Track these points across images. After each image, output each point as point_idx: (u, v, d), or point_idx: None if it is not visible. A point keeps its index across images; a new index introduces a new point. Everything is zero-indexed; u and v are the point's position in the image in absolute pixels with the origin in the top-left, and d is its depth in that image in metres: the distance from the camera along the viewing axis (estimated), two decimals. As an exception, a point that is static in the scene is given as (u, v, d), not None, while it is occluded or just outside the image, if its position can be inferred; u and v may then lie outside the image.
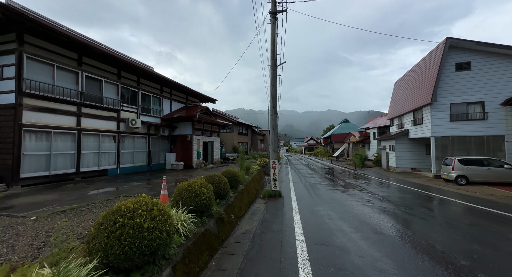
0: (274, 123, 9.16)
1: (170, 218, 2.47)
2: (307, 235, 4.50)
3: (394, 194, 9.52)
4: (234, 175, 6.49)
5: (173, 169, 14.72)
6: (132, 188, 8.18)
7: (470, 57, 14.20)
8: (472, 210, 6.99)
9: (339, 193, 9.66)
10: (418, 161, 18.85)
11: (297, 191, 10.17)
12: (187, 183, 3.84)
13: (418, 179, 14.64)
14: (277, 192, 8.89)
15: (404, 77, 21.59)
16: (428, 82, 15.41)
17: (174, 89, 16.42)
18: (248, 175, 9.97)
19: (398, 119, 21.53)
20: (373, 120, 38.93)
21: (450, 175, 12.42)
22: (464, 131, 14.22)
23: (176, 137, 15.89)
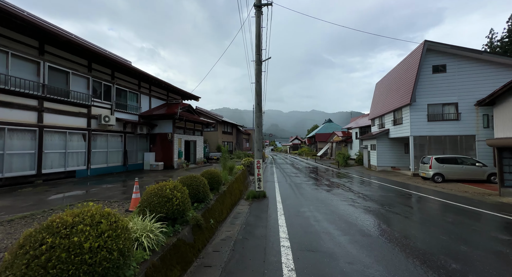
0: (259, 121, 8.80)
1: (127, 231, 1.99)
2: (293, 240, 4.18)
3: (377, 193, 9.59)
4: (215, 175, 6.02)
5: (152, 170, 13.84)
6: (103, 191, 7.40)
7: (445, 60, 14.87)
8: (452, 208, 7.13)
9: (324, 193, 9.53)
10: (398, 159, 19.54)
11: (282, 191, 9.91)
12: (157, 186, 3.33)
13: (398, 177, 15.09)
14: (262, 192, 8.54)
15: (384, 79, 22.31)
16: (407, 83, 15.94)
17: (154, 85, 15.47)
18: (232, 175, 9.53)
19: (379, 119, 22.20)
20: (355, 121, 40.11)
21: (428, 173, 12.88)
22: (440, 131, 14.88)
23: (155, 136, 14.98)
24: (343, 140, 36.43)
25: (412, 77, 15.23)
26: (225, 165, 9.11)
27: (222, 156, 9.28)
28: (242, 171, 11.40)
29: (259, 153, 8.74)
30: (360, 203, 7.58)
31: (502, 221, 5.75)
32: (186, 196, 3.55)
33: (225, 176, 7.70)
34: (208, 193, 4.92)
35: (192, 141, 17.40)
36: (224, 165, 9.14)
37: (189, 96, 19.19)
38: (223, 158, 9.26)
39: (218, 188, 6.21)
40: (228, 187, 7.10)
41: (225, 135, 28.32)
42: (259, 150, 8.75)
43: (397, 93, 17.72)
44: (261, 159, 8.67)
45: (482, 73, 14.12)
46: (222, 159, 9.34)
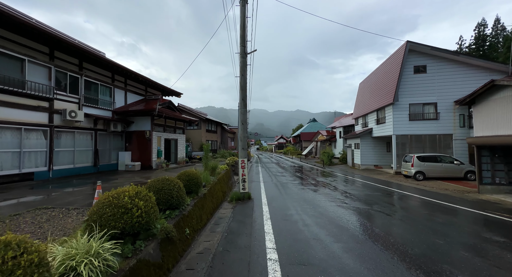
0: (243, 118, 8.21)
1: (40, 266, 1.33)
2: (281, 250, 3.67)
3: (364, 192, 9.43)
4: (193, 177, 5.36)
5: (127, 170, 12.72)
6: (64, 196, 6.41)
7: (426, 61, 15.29)
8: (439, 207, 7.07)
9: (311, 193, 9.19)
10: (380, 158, 19.96)
11: (268, 192, 9.43)
12: (113, 194, 2.63)
13: (381, 176, 15.30)
14: (247, 194, 7.99)
15: (367, 79, 22.72)
16: (390, 83, 16.21)
17: (130, 79, 14.25)
18: (215, 175, 8.88)
19: (362, 118, 22.57)
20: (338, 120, 40.90)
21: (410, 171, 13.11)
22: (420, 130, 15.30)
23: (132, 134, 13.81)
24: (328, 139, 36.95)
25: (395, 77, 15.48)
26: (207, 165, 8.43)
27: (204, 155, 8.59)
28: (226, 171, 10.77)
29: (243, 151, 8.17)
30: (349, 203, 7.30)
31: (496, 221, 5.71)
32: (152, 204, 2.89)
33: (206, 177, 7.04)
34: (183, 198, 4.26)
35: (173, 139, 16.38)
36: (206, 165, 8.46)
37: (170, 92, 18.07)
38: (205, 157, 8.57)
39: (198, 190, 5.55)
40: (209, 189, 6.45)
41: (209, 134, 27.36)
42: (243, 148, 8.18)
43: (380, 93, 18.02)
44: (246, 158, 8.10)
45: (459, 74, 14.68)
46: (204, 158, 8.64)
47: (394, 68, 15.90)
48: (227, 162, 17.43)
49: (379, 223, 5.25)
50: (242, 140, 8.16)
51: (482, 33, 38.42)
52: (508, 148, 8.91)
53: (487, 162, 9.28)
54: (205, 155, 8.57)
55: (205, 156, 8.58)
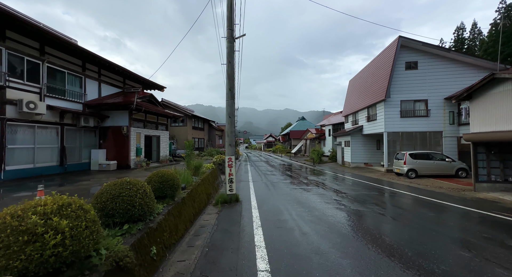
0: (231, 110, 7.30)
1: None
2: (277, 273, 2.84)
3: (360, 191, 8.86)
4: (168, 178, 4.40)
5: (101, 170, 11.39)
6: (13, 202, 5.19)
7: (417, 57, 15.09)
8: (442, 208, 6.58)
9: (304, 193, 8.48)
10: (370, 156, 19.78)
11: (257, 193, 8.60)
12: (14, 211, 1.66)
13: (373, 174, 14.98)
14: (234, 196, 7.11)
15: (358, 76, 22.49)
16: (382, 79, 15.90)
17: (105, 69, 12.81)
18: (199, 175, 7.92)
19: (352, 116, 22.33)
20: (327, 118, 40.91)
21: (402, 169, 12.81)
22: (411, 127, 15.11)
23: (107, 130, 12.43)
24: (317, 136, 36.78)
25: (387, 73, 15.17)
26: (190, 164, 7.46)
27: (186, 152, 7.60)
28: (212, 170, 9.81)
29: (231, 148, 7.27)
30: (347, 205, 6.64)
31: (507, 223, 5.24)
32: (89, 221, 1.94)
33: (186, 178, 6.08)
34: (151, 206, 3.31)
35: (154, 136, 15.10)
36: (188, 164, 7.49)
37: (151, 86, 16.69)
38: (187, 155, 7.59)
39: (174, 194, 4.60)
40: (190, 192, 5.50)
41: (196, 131, 26.08)
42: (231, 145, 7.28)
43: (371, 90, 17.73)
44: (233, 155, 7.21)
45: (450, 71, 14.60)
46: (186, 156, 7.66)
47: (386, 64, 15.59)
48: (214, 160, 16.41)
49: (387, 230, 4.58)
50: (229, 136, 7.26)
51: (461, 36, 39.77)
52: (504, 144, 8.68)
53: (483, 159, 9.02)
54: (187, 152, 7.59)
55: (187, 153, 7.60)
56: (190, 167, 7.92)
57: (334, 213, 5.72)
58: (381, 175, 14.38)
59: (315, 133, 37.59)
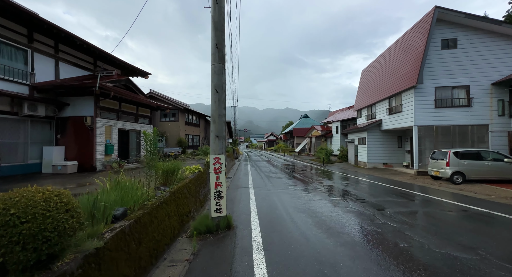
0: (218, 81, 4.54)
1: None
2: None
3: (409, 207, 6.11)
4: (36, 212, 1.64)
5: (56, 173, 8.69)
6: None
7: (457, 33, 12.26)
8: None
9: (333, 210, 5.73)
10: (390, 155, 17.01)
11: (262, 208, 5.88)
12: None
13: (400, 176, 12.21)
14: (223, 220, 4.37)
15: (374, 64, 19.65)
16: (411, 62, 13.09)
17: (66, 44, 10.04)
18: (172, 184, 5.20)
19: (368, 109, 19.53)
20: (333, 115, 38.13)
21: (444, 172, 10.03)
22: (448, 119, 12.30)
23: (66, 121, 9.71)
24: (323, 134, 34.02)
25: (418, 55, 12.36)
26: (151, 167, 4.76)
27: (147, 146, 4.90)
28: (197, 175, 7.06)
29: (218, 142, 4.51)
30: (421, 242, 3.89)
31: None
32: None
33: (134, 196, 3.34)
34: None
35: (133, 131, 12.37)
36: (149, 167, 4.78)
37: (133, 71, 13.94)
38: (148, 156, 4.89)
39: (65, 245, 1.85)
40: (131, 226, 2.77)
41: (190, 128, 23.34)
42: (219, 137, 4.52)
43: (394, 77, 14.92)
44: (223, 154, 4.46)
45: (499, 50, 11.76)
46: (147, 156, 4.95)
47: (417, 44, 12.77)
48: (207, 160, 13.76)
49: None
50: (216, 122, 4.51)
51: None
52: None
53: None
54: (149, 147, 4.86)
55: (148, 149, 4.88)
56: (157, 171, 5.18)
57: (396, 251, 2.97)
58: (412, 178, 11.60)
59: (320, 130, 34.83)
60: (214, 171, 4.35)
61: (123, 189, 3.33)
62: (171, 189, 4.72)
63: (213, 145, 4.51)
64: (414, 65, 12.54)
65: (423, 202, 6.80)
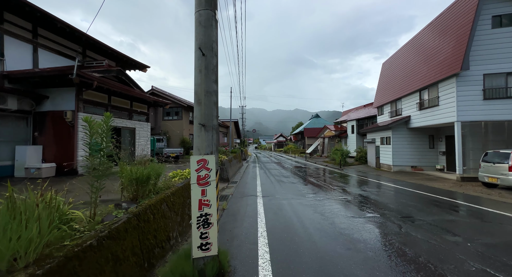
0: (206, 37, 2.84)
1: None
2: None
3: (478, 228, 4.14)
4: None
5: (31, 177, 7.32)
6: None
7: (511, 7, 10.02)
8: None
9: (371, 232, 3.87)
10: (420, 156, 14.76)
11: (274, 231, 4.12)
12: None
13: (439, 183, 10.05)
14: (213, 262, 2.64)
15: (399, 54, 17.43)
16: (451, 45, 10.93)
17: (46, 28, 8.76)
18: (146, 198, 3.58)
19: (391, 105, 17.31)
20: (347, 114, 35.76)
21: (506, 179, 7.86)
22: (502, 113, 10.03)
23: (44, 117, 8.39)
24: (337, 134, 31.78)
25: (463, 35, 10.21)
26: (101, 176, 3.14)
27: (90, 146, 3.28)
28: (187, 183, 5.38)
29: (205, 135, 2.80)
30: None
31: None
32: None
33: (25, 233, 1.68)
34: None
35: (126, 129, 10.98)
36: (97, 176, 3.16)
37: (129, 63, 12.62)
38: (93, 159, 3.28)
39: None
40: None
41: (195, 127, 21.95)
42: (206, 126, 2.80)
43: (427, 66, 12.75)
44: (212, 155, 2.75)
45: None
46: (90, 159, 3.34)
47: (460, 22, 10.61)
48: None
49: None
50: (202, 103, 2.80)
51: None
52: None
53: None
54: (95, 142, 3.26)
55: (91, 147, 3.28)
56: (124, 180, 3.57)
57: None
58: (455, 185, 9.44)
59: (334, 130, 32.58)
60: (197, 181, 2.65)
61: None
62: (136, 208, 3.07)
63: (197, 139, 2.81)
64: (456, 49, 10.39)
65: (502, 224, 4.79)
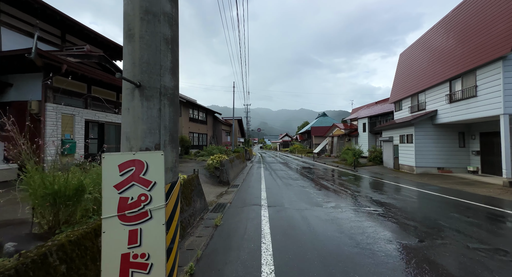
0: None
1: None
2: None
3: None
4: None
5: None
6: None
7: None
8: None
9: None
10: (447, 157, 12.92)
11: (287, 273, 2.54)
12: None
13: (479, 188, 8.28)
14: None
15: (420, 43, 15.55)
16: (496, 23, 9.11)
17: (10, 3, 7.47)
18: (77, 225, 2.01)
19: (411, 99, 15.47)
20: (357, 112, 33.83)
21: None
22: (562, 104, 8.19)
23: (8, 107, 7.03)
24: (346, 133, 29.90)
25: (509, 11, 8.41)
26: None
27: None
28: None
29: (143, 110, 1.26)
30: None
31: None
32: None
33: None
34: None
35: (111, 124, 9.62)
36: None
37: (117, 51, 11.27)
38: None
39: None
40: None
41: (195, 125, 20.55)
42: (145, 88, 1.26)
43: (460, 51, 10.93)
44: (158, 151, 1.22)
45: None
46: None
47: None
48: (209, 163, 10.90)
49: None
50: (134, 38, 1.27)
51: None
52: None
53: None
54: None
55: None
56: (34, 196, 2.08)
57: None
58: (503, 191, 7.67)
59: (343, 129, 30.70)
60: (119, 212, 1.11)
61: None
62: (36, 251, 1.55)
63: (125, 117, 1.28)
64: (503, 28, 8.58)
65: None
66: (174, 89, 1.39)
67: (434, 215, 5.16)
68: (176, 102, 1.43)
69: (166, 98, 1.33)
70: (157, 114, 1.27)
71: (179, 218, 1.41)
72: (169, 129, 1.34)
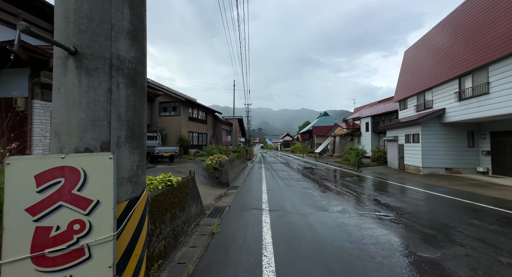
0: None
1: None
2: None
3: None
4: None
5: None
6: None
7: None
8: None
9: None
10: (456, 157, 12.43)
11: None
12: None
13: (497, 191, 7.79)
14: None
15: (426, 39, 15.05)
16: (508, 16, 8.62)
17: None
18: None
19: (417, 97, 14.98)
20: (359, 111, 33.31)
21: None
22: None
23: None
24: (349, 132, 29.42)
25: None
26: None
27: None
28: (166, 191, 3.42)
29: (81, 89, 0.81)
30: None
31: None
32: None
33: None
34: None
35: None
36: None
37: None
38: None
39: None
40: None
41: (194, 124, 20.13)
42: (85, 57, 0.81)
43: (470, 46, 10.44)
44: (107, 153, 0.79)
45: None
46: None
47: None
48: (207, 163, 10.48)
49: None
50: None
51: None
52: None
53: None
54: None
55: None
56: None
57: None
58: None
59: (346, 128, 30.22)
60: (34, 250, 0.67)
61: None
62: None
63: (56, 101, 0.83)
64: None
65: None
66: (136, 63, 0.96)
67: (451, 221, 4.70)
68: (140, 83, 1.00)
69: (121, 75, 0.89)
70: (105, 98, 0.83)
71: (145, 252, 0.96)
72: (126, 120, 0.89)
